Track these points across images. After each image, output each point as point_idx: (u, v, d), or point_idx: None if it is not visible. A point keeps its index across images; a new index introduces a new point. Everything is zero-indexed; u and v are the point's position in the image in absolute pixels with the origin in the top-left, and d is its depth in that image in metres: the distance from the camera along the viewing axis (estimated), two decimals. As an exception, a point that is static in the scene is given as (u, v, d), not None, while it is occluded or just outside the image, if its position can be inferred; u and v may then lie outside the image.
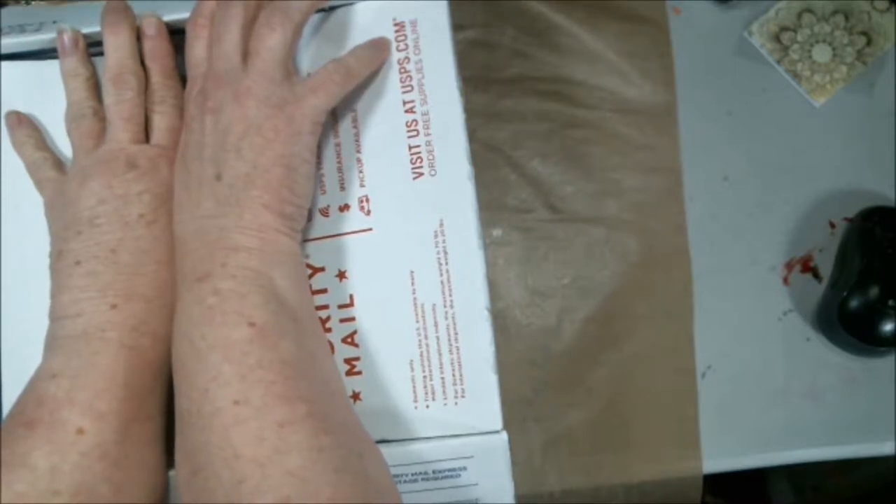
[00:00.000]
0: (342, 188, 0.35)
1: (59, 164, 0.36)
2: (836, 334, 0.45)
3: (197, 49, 0.33)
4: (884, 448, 0.45)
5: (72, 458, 0.29)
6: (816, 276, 0.47)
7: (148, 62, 0.35)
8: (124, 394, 0.30)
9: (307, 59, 0.35)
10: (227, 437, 0.27)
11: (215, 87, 0.31)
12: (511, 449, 0.33)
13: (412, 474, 0.33)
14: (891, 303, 0.43)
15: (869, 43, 0.49)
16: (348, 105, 0.35)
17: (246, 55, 0.32)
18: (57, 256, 0.33)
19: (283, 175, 0.31)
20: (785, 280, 0.47)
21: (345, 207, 0.35)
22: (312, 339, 0.32)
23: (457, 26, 0.36)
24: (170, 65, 0.36)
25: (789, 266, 0.47)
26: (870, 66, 0.49)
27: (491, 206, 0.46)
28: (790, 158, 0.48)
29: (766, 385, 0.46)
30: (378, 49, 0.35)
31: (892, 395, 0.45)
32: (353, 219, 0.34)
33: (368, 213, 0.34)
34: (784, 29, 0.49)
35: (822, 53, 0.49)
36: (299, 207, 0.32)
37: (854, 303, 0.44)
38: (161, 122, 0.35)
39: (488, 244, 0.46)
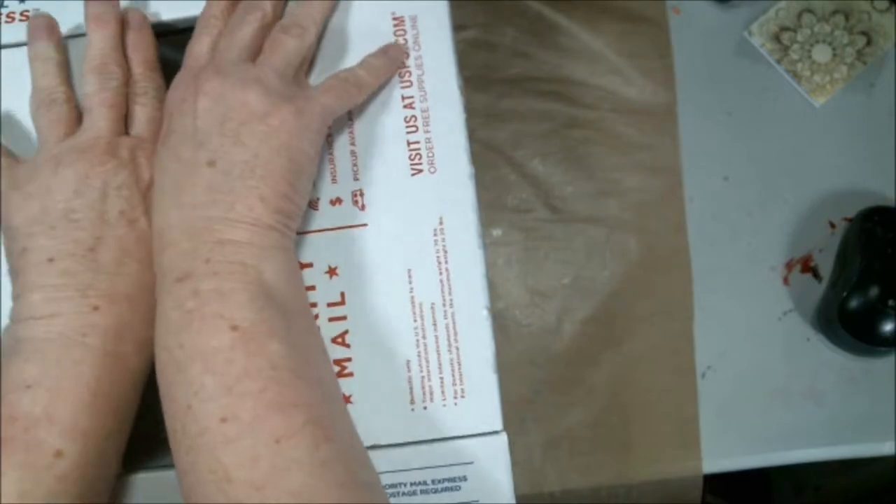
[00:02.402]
0: (334, 181, 0.34)
1: (8, 152, 0.33)
2: (836, 334, 0.45)
3: (203, 41, 0.32)
4: (884, 448, 0.45)
5: (46, 483, 0.26)
6: (816, 276, 0.47)
7: (130, 54, 0.34)
8: (107, 408, 0.28)
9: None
10: (217, 459, 0.24)
11: (215, 72, 0.30)
12: (511, 449, 0.33)
13: (411, 484, 0.32)
14: (891, 303, 0.43)
15: (869, 43, 0.49)
16: None
17: (257, 54, 0.31)
18: (20, 254, 0.29)
19: (286, 168, 0.29)
20: (785, 280, 0.47)
21: (336, 201, 0.34)
22: (306, 336, 0.30)
23: (457, 26, 0.35)
24: (152, 57, 0.34)
25: (789, 266, 0.47)
26: (870, 66, 0.49)
27: (491, 206, 0.46)
28: (790, 158, 0.48)
29: (766, 385, 0.45)
30: (390, 58, 0.34)
31: (892, 395, 0.45)
32: (346, 213, 0.34)
33: (363, 207, 0.34)
34: (784, 29, 0.49)
35: (822, 53, 0.49)
36: (297, 206, 0.30)
37: (854, 303, 0.44)
38: (143, 114, 0.33)
39: (488, 244, 0.46)
